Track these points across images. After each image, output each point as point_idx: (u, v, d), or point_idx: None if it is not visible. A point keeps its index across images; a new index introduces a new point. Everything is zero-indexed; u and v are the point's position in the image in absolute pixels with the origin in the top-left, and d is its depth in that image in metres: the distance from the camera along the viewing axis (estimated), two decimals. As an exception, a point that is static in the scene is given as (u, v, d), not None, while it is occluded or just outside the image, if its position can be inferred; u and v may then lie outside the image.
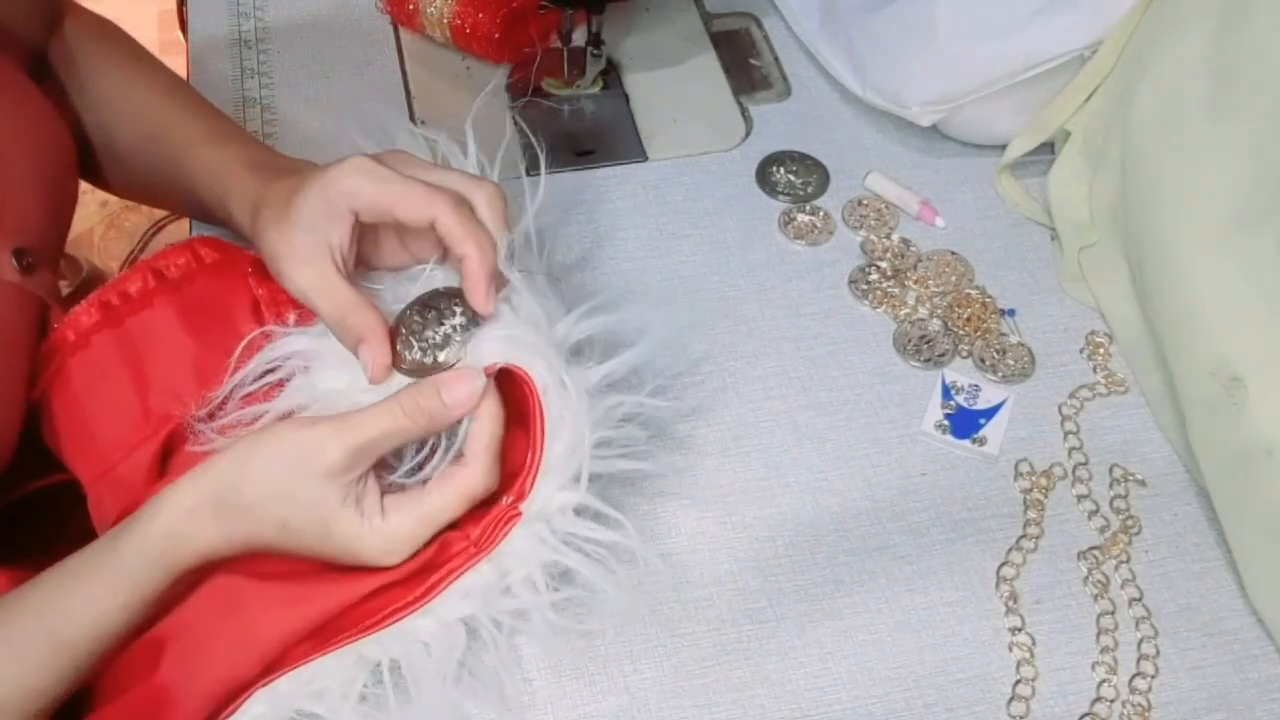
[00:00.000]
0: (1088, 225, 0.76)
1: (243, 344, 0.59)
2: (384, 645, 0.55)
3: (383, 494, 0.55)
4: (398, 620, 0.55)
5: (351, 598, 0.55)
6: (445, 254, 0.59)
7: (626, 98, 0.87)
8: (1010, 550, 0.64)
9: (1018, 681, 0.60)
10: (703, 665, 0.60)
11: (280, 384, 0.59)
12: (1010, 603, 0.62)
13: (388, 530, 0.54)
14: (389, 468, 0.56)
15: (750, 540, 0.64)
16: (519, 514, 0.55)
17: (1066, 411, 0.70)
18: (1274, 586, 0.61)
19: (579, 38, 0.85)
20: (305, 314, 0.60)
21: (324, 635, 0.55)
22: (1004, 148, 0.80)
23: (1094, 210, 0.76)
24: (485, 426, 0.55)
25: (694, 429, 0.69)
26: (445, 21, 0.86)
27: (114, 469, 0.58)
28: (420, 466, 0.57)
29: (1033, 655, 0.61)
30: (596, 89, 0.87)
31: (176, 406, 0.58)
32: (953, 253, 0.78)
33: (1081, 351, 0.73)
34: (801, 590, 0.62)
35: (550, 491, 0.56)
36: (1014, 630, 0.61)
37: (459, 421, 0.56)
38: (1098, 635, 0.61)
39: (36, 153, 0.61)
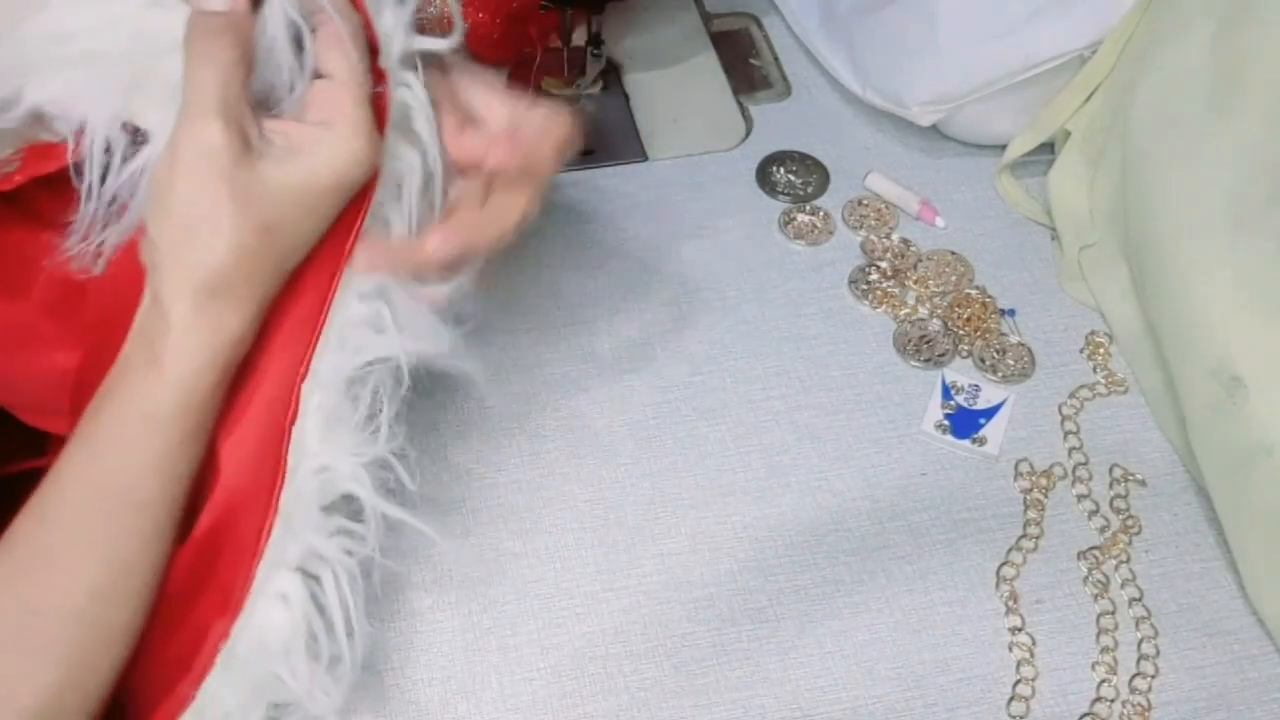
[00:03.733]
0: (1088, 225, 0.76)
1: None
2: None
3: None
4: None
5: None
6: None
7: (626, 98, 0.87)
8: (1010, 550, 0.64)
9: (1018, 681, 0.60)
10: (703, 665, 0.60)
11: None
12: (1010, 603, 0.62)
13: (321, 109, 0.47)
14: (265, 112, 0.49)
15: (750, 540, 0.64)
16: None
17: (1066, 411, 0.70)
18: (1274, 586, 0.61)
19: (579, 38, 0.85)
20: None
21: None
22: (1004, 148, 0.80)
23: (1094, 210, 0.76)
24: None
25: (694, 429, 0.69)
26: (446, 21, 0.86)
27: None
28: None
29: (1033, 655, 0.61)
30: (596, 89, 0.87)
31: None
32: (953, 253, 0.78)
33: (1081, 351, 0.73)
34: (801, 590, 0.62)
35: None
36: (1014, 630, 0.61)
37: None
38: (1098, 635, 0.61)
39: None
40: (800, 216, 0.79)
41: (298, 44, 0.48)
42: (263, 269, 0.47)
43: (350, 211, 0.50)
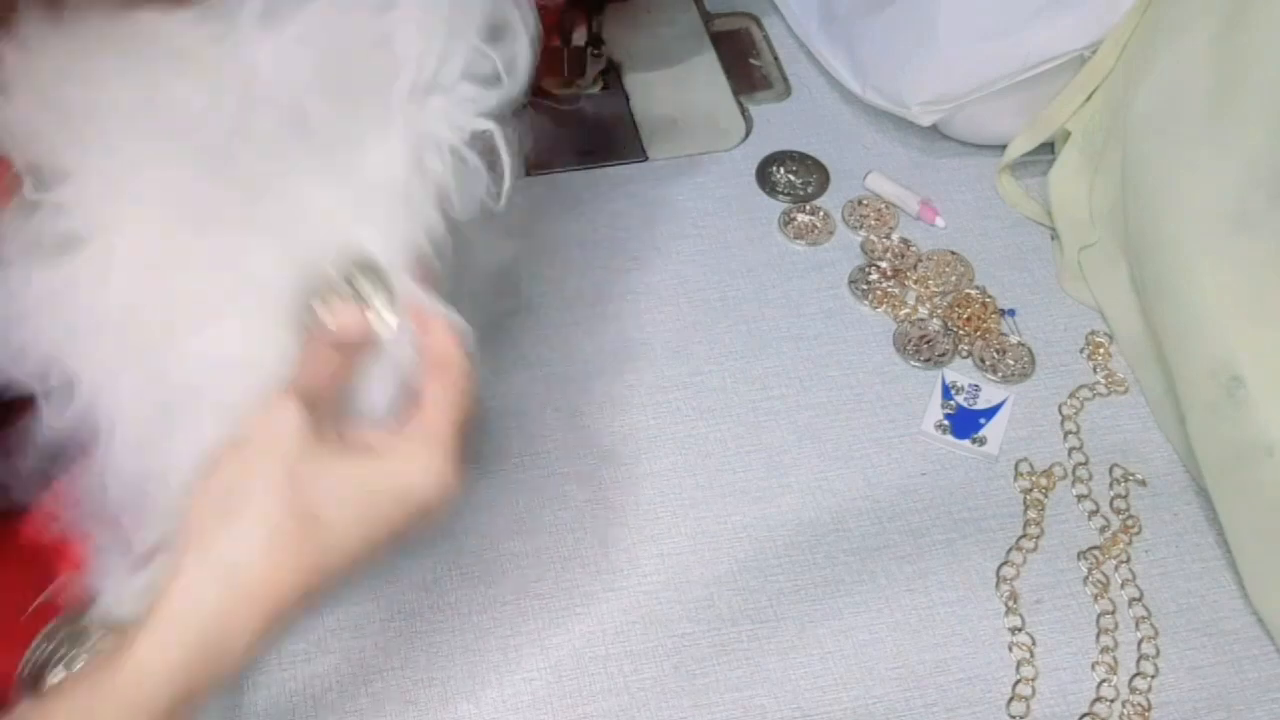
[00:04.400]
0: (1088, 225, 0.76)
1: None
2: None
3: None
4: None
5: None
6: None
7: (626, 98, 0.87)
8: (1010, 550, 0.64)
9: (1018, 681, 0.60)
10: (703, 665, 0.60)
11: None
12: (1010, 602, 0.62)
13: (413, 446, 0.46)
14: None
15: (750, 540, 0.64)
16: None
17: (1066, 411, 0.70)
18: (1274, 586, 0.61)
19: (579, 38, 0.85)
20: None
21: None
22: (1004, 148, 0.81)
23: (1094, 210, 0.76)
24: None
25: (694, 429, 0.69)
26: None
27: None
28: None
29: (1033, 655, 0.61)
30: (596, 89, 0.87)
31: None
32: (953, 253, 0.78)
33: (1081, 351, 0.73)
34: (801, 590, 0.62)
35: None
36: (1014, 630, 0.61)
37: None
38: (1098, 635, 0.61)
39: None
40: (800, 216, 0.79)
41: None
42: (290, 565, 0.43)
43: None
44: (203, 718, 0.44)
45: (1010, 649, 0.61)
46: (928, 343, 0.73)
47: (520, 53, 0.52)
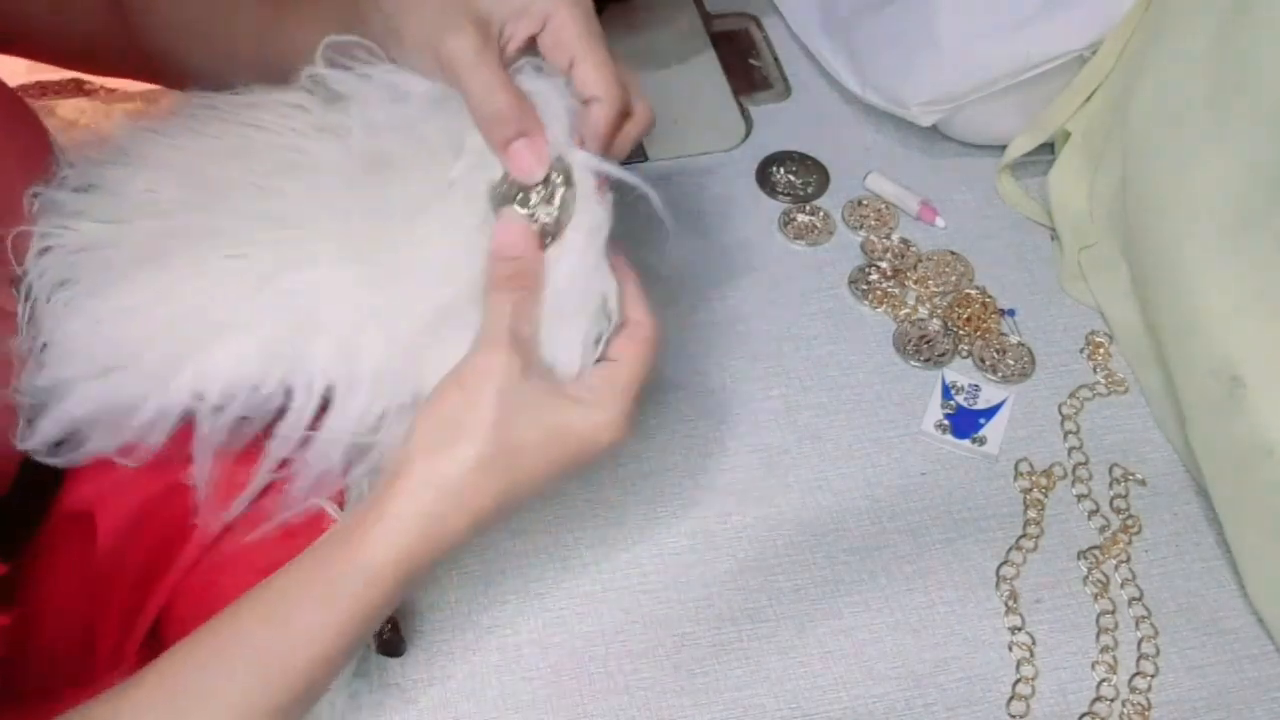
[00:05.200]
0: (1088, 225, 0.77)
1: None
2: None
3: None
4: None
5: None
6: None
7: (626, 98, 0.87)
8: (1010, 550, 0.64)
9: (1018, 681, 0.60)
10: (703, 665, 0.60)
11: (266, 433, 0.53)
12: (1010, 602, 0.62)
13: (599, 393, 0.51)
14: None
15: (750, 540, 0.64)
16: None
17: (1066, 411, 0.70)
18: (1274, 586, 0.61)
19: (579, 38, 0.85)
20: None
21: None
22: (1004, 148, 0.80)
23: (1094, 210, 0.76)
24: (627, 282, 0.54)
25: (694, 428, 0.69)
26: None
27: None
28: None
29: (1033, 654, 0.61)
30: (596, 89, 0.87)
31: None
32: (953, 253, 0.78)
33: (1081, 351, 0.73)
34: (801, 590, 0.62)
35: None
36: (1014, 630, 0.61)
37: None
38: (1098, 635, 0.61)
39: (29, 173, 0.56)
40: (800, 216, 0.79)
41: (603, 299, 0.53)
42: (492, 488, 0.50)
43: None
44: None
45: (1010, 648, 0.61)
46: (928, 343, 0.73)
47: None
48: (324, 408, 0.52)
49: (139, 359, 0.51)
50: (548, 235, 0.53)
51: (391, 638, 0.58)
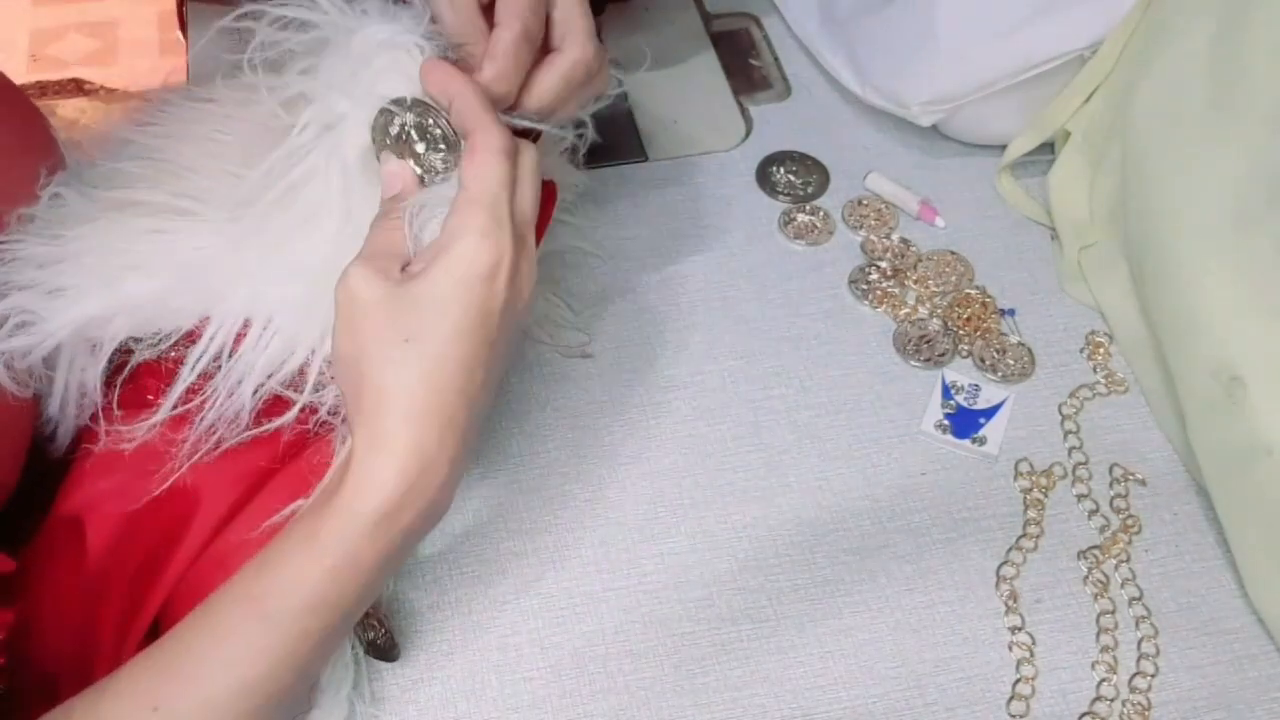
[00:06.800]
0: (1088, 225, 0.77)
1: None
2: None
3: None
4: None
5: None
6: None
7: (626, 98, 0.87)
8: (1010, 550, 0.64)
9: (1017, 680, 0.60)
10: (702, 665, 0.60)
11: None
12: (1010, 602, 0.62)
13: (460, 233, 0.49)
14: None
15: (750, 540, 0.64)
16: None
17: (1066, 411, 0.70)
18: (1274, 586, 0.61)
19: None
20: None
21: None
22: (1004, 148, 0.80)
23: (1094, 210, 0.76)
24: (467, 98, 0.52)
25: (694, 429, 0.69)
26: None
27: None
28: None
29: (1032, 654, 0.61)
30: (596, 89, 0.87)
31: None
32: (953, 253, 0.78)
33: (1081, 351, 0.73)
34: (801, 590, 0.63)
35: None
36: (1014, 629, 0.61)
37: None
38: (1098, 634, 0.61)
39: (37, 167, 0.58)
40: (800, 216, 0.79)
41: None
42: (408, 382, 0.47)
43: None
44: None
45: (1010, 648, 0.61)
46: (928, 343, 0.73)
47: None
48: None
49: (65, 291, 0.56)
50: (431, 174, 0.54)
51: (385, 642, 0.58)
